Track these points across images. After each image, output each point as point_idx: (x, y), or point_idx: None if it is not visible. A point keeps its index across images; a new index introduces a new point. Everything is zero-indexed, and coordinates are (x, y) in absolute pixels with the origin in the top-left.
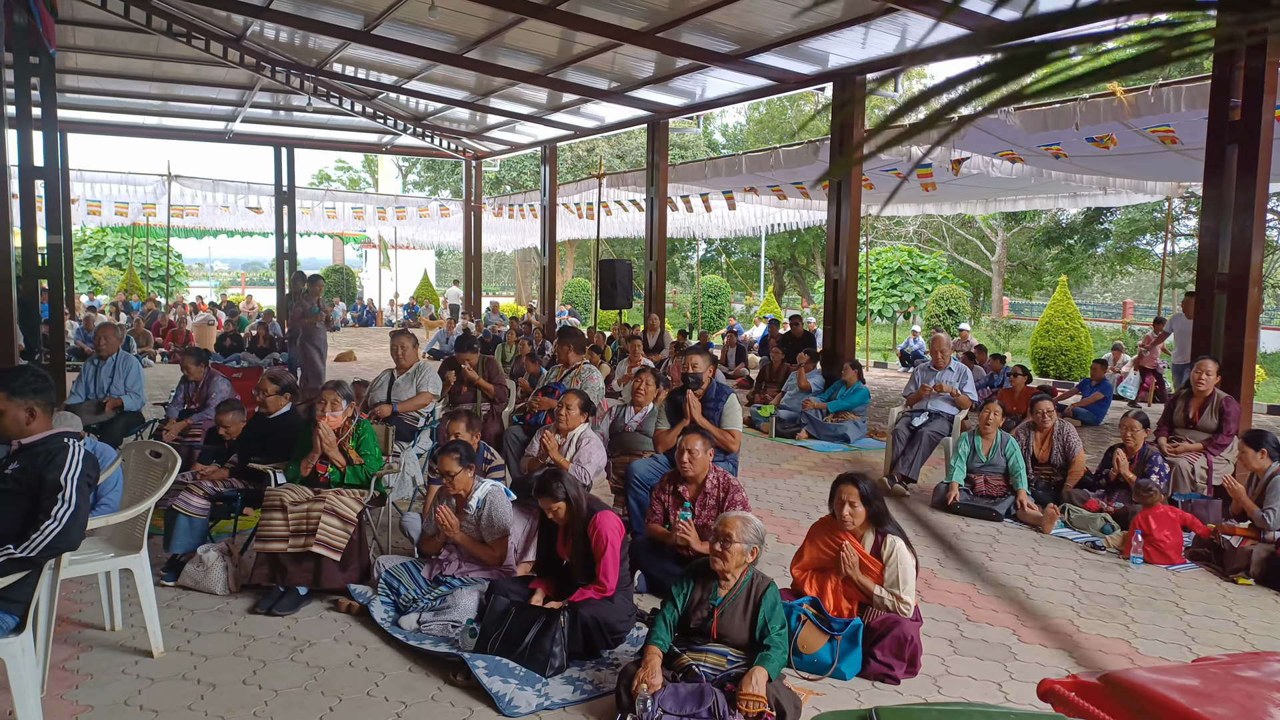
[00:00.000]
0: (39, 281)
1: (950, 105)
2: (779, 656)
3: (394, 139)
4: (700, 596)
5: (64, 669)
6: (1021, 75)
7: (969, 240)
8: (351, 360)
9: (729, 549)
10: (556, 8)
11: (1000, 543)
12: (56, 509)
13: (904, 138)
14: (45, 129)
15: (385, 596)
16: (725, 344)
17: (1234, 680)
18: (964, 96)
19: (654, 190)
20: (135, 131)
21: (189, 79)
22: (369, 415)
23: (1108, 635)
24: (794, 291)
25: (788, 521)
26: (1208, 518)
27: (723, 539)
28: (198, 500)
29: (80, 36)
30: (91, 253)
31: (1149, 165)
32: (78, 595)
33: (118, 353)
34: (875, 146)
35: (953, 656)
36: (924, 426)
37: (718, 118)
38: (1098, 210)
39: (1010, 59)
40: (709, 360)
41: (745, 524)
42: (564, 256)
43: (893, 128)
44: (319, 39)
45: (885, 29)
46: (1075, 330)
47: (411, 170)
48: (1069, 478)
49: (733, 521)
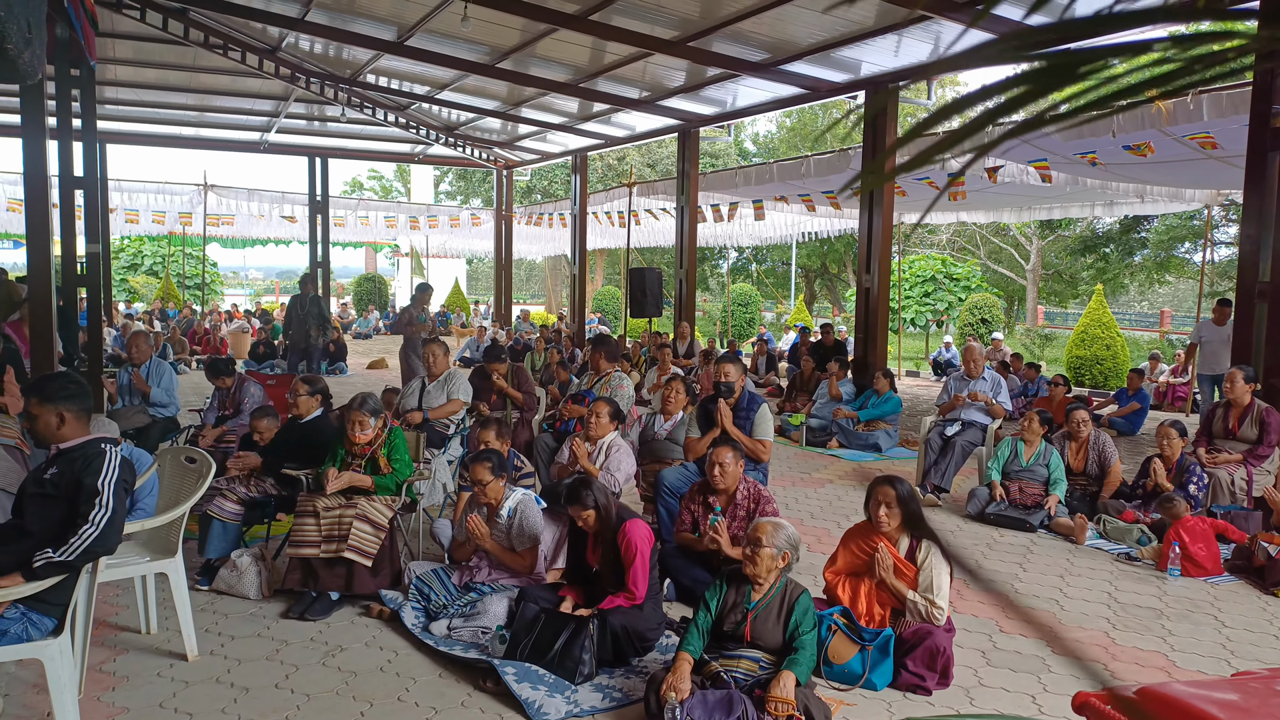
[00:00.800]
0: (77, 290)
1: (986, 117)
2: (807, 659)
3: (426, 149)
4: (734, 600)
5: (101, 671)
6: (1057, 87)
7: (1003, 248)
8: (384, 367)
9: (759, 553)
10: (588, 18)
11: (1034, 554)
12: (94, 514)
13: (935, 151)
14: (85, 140)
15: (416, 602)
16: (755, 352)
17: (1275, 695)
18: (1000, 108)
19: (684, 199)
20: (172, 142)
21: (225, 90)
22: (400, 422)
23: (1144, 648)
24: (825, 300)
25: (818, 530)
26: (1248, 529)
27: (753, 543)
28: (232, 505)
29: (120, 49)
30: (129, 261)
31: (1188, 173)
32: (114, 599)
33: (151, 359)
34: (907, 161)
35: (985, 668)
36: (957, 436)
37: (749, 126)
38: (1135, 218)
39: (1045, 69)
40: (740, 369)
41: (776, 529)
42: (594, 265)
43: (925, 135)
44: (353, 50)
45: (918, 36)
46: (1111, 339)
47: (443, 179)
48: (1104, 488)
49: (764, 526)
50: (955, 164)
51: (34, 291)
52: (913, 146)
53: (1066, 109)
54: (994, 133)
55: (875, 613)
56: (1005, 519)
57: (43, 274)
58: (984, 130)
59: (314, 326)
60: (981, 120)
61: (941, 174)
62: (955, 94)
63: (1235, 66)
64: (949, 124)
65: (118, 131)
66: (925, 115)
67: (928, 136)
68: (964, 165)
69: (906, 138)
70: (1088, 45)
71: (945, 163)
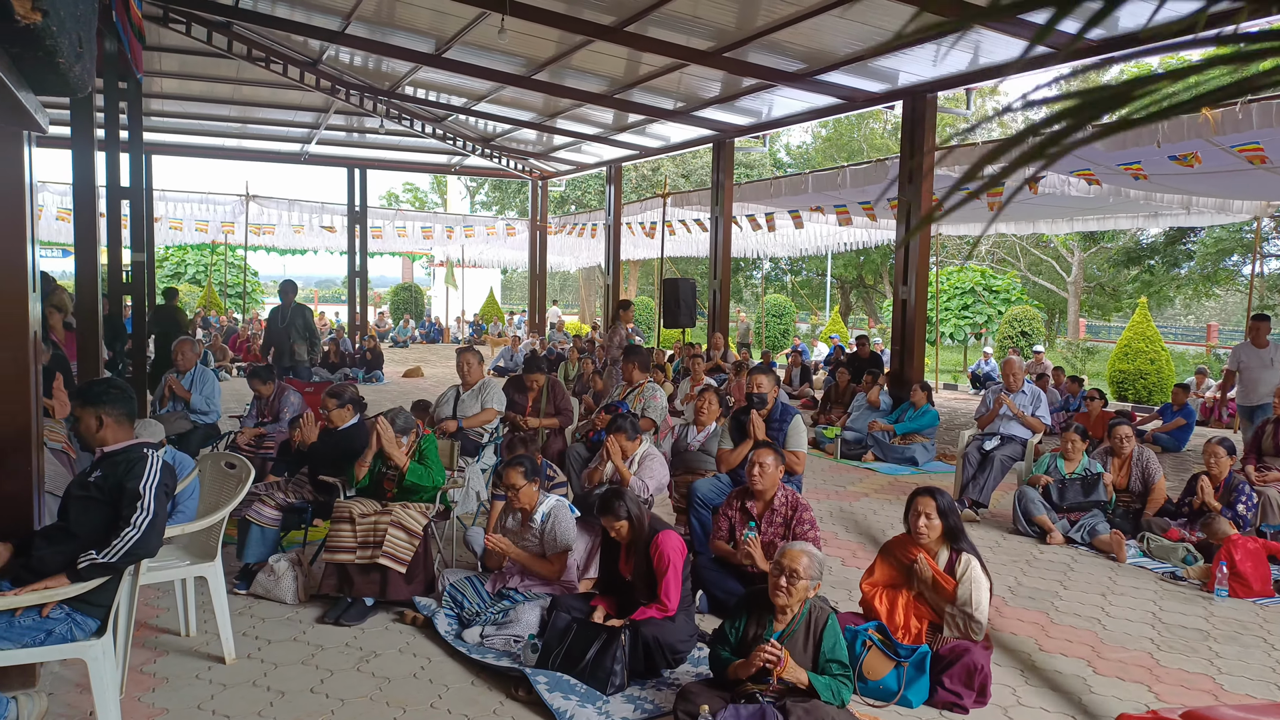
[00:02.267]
0: (123, 297)
1: (1030, 154)
2: (833, 685)
3: (463, 160)
4: (754, 632)
5: (141, 672)
6: (1104, 114)
7: (1044, 260)
8: (419, 376)
9: (795, 585)
10: (623, 29)
11: (1075, 571)
12: (136, 516)
13: (980, 191)
14: (132, 151)
15: (449, 609)
16: (790, 364)
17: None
18: (1047, 141)
19: (719, 209)
20: (215, 153)
21: (267, 102)
22: (434, 430)
23: (1190, 670)
24: (861, 311)
25: (853, 545)
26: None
27: (789, 574)
28: (270, 511)
29: (165, 62)
30: (172, 270)
31: (1236, 184)
32: (155, 601)
33: (195, 366)
34: (951, 206)
35: (1024, 687)
36: (996, 450)
37: (783, 136)
38: (1180, 230)
39: (1092, 101)
40: (773, 380)
41: (811, 559)
42: (628, 275)
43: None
44: (392, 63)
45: (958, 46)
46: (1156, 353)
47: (479, 190)
48: (1148, 505)
49: (799, 556)
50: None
51: (82, 299)
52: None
53: (1112, 120)
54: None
55: (912, 626)
56: (1075, 505)
57: (90, 282)
58: (1037, 158)
59: (298, 342)
60: (1029, 155)
61: (985, 196)
62: (995, 105)
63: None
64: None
65: (163, 143)
66: (973, 163)
67: (969, 149)
68: (1004, 200)
69: (948, 194)
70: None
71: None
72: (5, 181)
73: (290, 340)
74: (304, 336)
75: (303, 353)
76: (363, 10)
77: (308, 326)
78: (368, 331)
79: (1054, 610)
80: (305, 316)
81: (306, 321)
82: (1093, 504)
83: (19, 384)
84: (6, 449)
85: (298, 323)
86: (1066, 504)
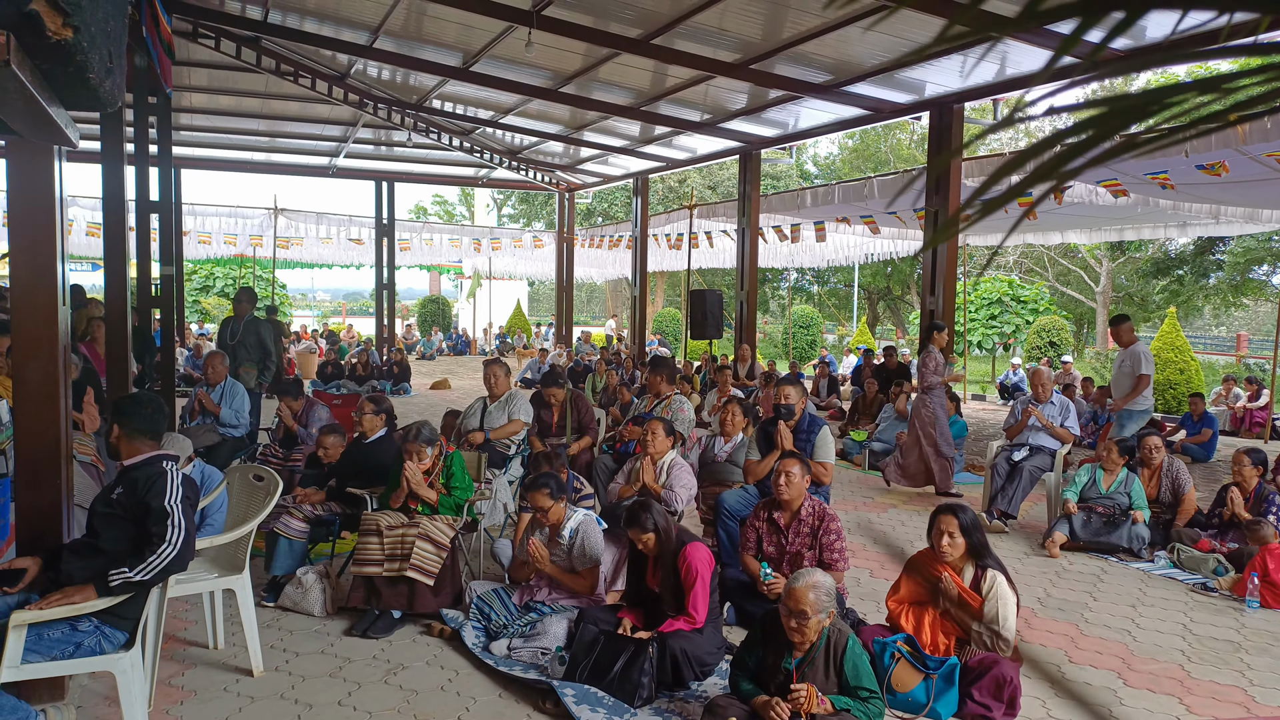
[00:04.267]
0: (152, 311)
1: (1056, 162)
2: (864, 709)
3: (490, 172)
4: (772, 660)
5: (169, 685)
6: (1129, 125)
7: (1072, 270)
8: (446, 388)
9: (806, 625)
10: (650, 42)
11: (1104, 582)
12: (170, 534)
13: (1003, 203)
14: (161, 165)
15: (476, 622)
16: (817, 375)
17: None
18: (1073, 149)
19: (745, 221)
20: (244, 167)
21: (295, 116)
22: (462, 443)
23: (1221, 682)
24: (888, 322)
25: (880, 556)
26: None
27: (797, 616)
28: (297, 523)
29: (194, 77)
30: (201, 283)
31: (1265, 192)
32: (183, 614)
33: (225, 380)
34: (975, 214)
35: (1054, 699)
36: (1024, 461)
37: (810, 147)
38: (1209, 240)
39: (1116, 111)
40: (801, 391)
41: (816, 591)
42: (655, 286)
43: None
44: (420, 76)
45: (985, 57)
46: (1185, 364)
47: (506, 203)
48: (1179, 516)
49: (804, 595)
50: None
51: (111, 313)
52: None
53: (1139, 132)
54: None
55: (940, 642)
56: (1094, 544)
57: (119, 296)
58: (1053, 175)
59: (245, 364)
60: (1050, 167)
61: (1013, 204)
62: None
63: None
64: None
65: (192, 157)
66: (989, 156)
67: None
68: (1028, 207)
69: (974, 196)
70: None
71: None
72: (36, 196)
73: (238, 361)
74: (254, 356)
75: (249, 378)
76: (390, 24)
77: (260, 345)
78: (395, 344)
79: (1083, 622)
80: (260, 332)
81: (260, 339)
82: (1111, 545)
83: (49, 397)
84: (37, 462)
85: (249, 340)
86: (1085, 537)
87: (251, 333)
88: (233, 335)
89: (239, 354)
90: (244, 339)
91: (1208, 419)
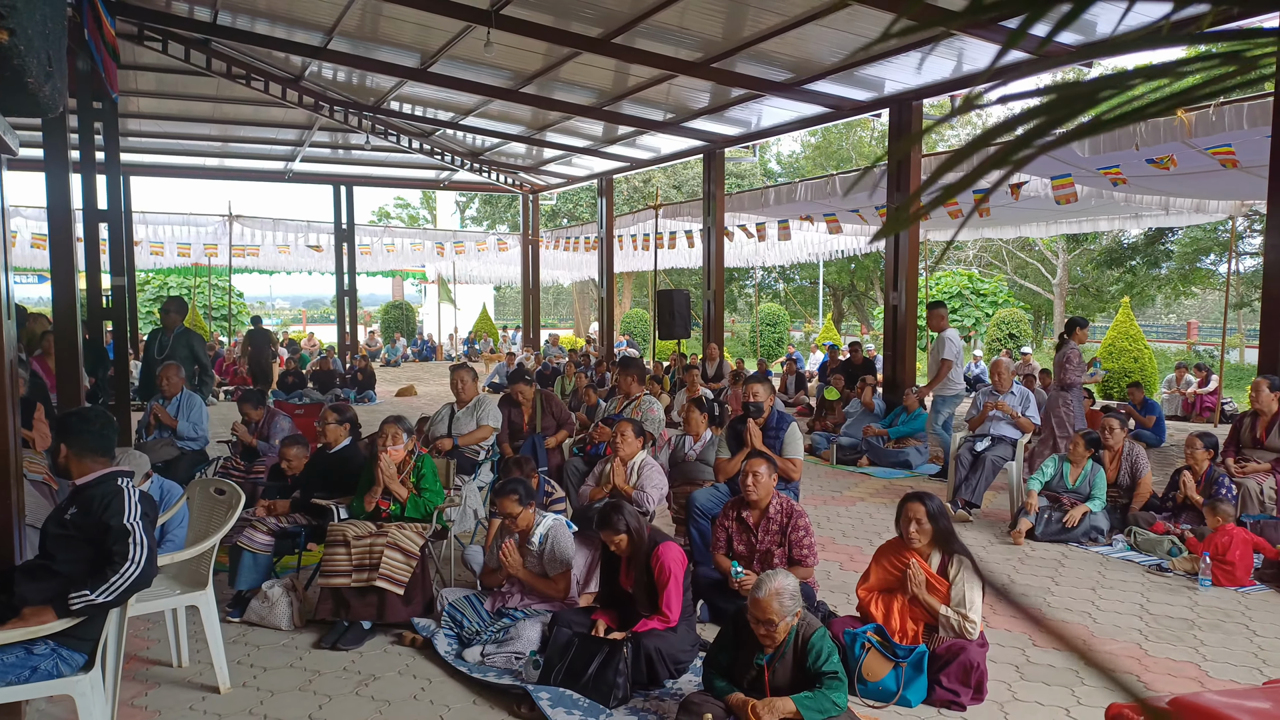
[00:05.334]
0: (104, 323)
1: (1009, 148)
2: (820, 700)
3: (451, 175)
4: (744, 657)
5: (132, 706)
6: (1078, 113)
7: (1029, 263)
8: (412, 395)
9: (775, 630)
10: (611, 41)
11: (1065, 567)
12: (133, 553)
13: (956, 190)
14: (109, 173)
15: (449, 629)
16: (785, 372)
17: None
18: (1025, 137)
19: (710, 220)
20: (196, 173)
21: (248, 120)
22: (430, 449)
23: (1176, 658)
24: (853, 318)
25: (850, 549)
26: (1277, 538)
27: (765, 624)
28: (262, 536)
29: (142, 81)
30: (155, 293)
31: (1211, 184)
32: (145, 632)
33: (182, 392)
34: (929, 202)
35: (1019, 682)
36: (987, 451)
37: (773, 146)
38: (1159, 230)
39: (1063, 99)
40: (769, 389)
41: (780, 599)
42: (622, 287)
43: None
44: (376, 78)
45: (941, 54)
46: (1139, 352)
47: (469, 205)
48: (1134, 500)
49: (768, 605)
50: (981, 181)
51: (59, 326)
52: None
53: (1088, 122)
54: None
55: (908, 629)
56: (1050, 537)
57: (68, 308)
58: (1005, 162)
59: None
60: (1002, 154)
61: (967, 195)
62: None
63: (1255, 76)
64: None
65: (141, 164)
66: (947, 156)
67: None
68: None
69: (927, 183)
70: (1110, 69)
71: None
72: None
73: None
74: (187, 369)
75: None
76: (345, 25)
77: (194, 357)
78: (358, 351)
79: (1046, 606)
80: (192, 344)
81: (193, 351)
82: (1066, 538)
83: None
84: None
85: (180, 352)
86: (1041, 534)
87: (182, 345)
88: (161, 349)
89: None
90: (174, 352)
91: (1149, 405)
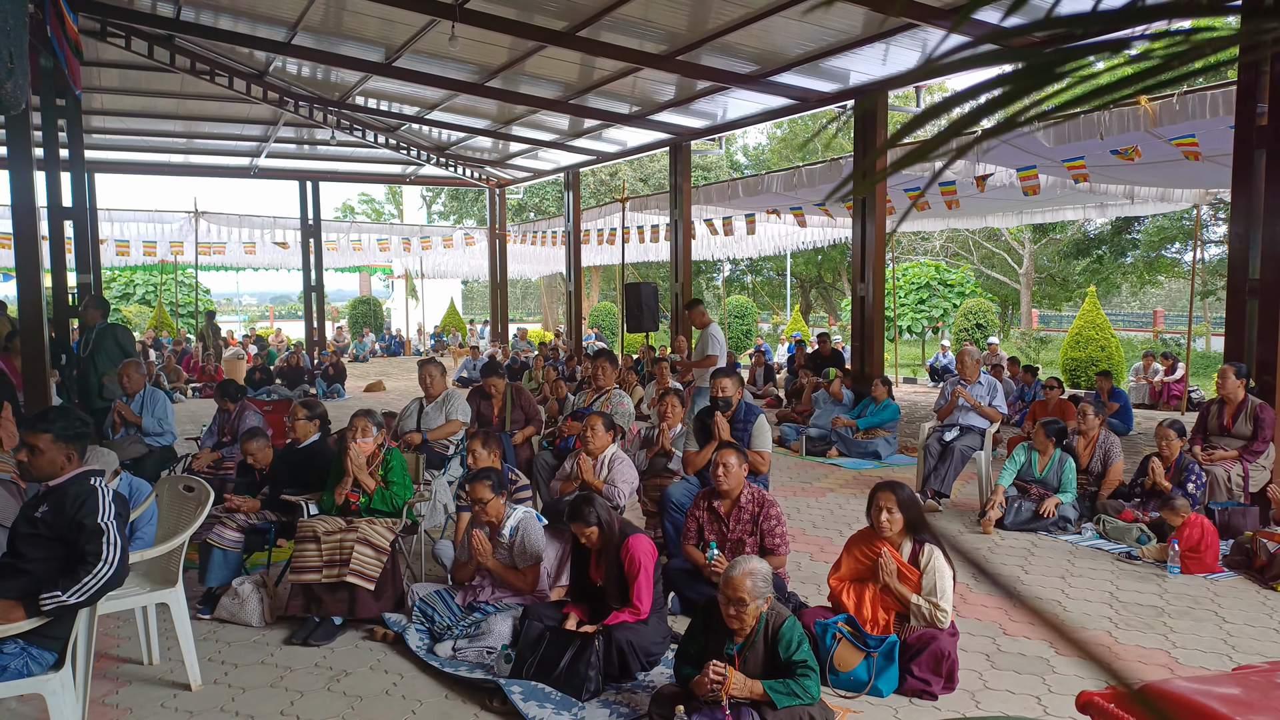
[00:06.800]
0: (69, 321)
1: (970, 117)
2: (790, 689)
3: (417, 169)
4: (714, 647)
5: (103, 704)
6: (1039, 86)
7: (996, 253)
8: (381, 390)
9: (744, 611)
10: (576, 34)
11: (1035, 556)
12: (106, 552)
13: (924, 151)
14: (73, 170)
15: (420, 624)
16: (753, 364)
17: (1275, 688)
18: (984, 108)
19: (678, 212)
20: (161, 170)
21: (213, 116)
22: (399, 444)
23: (1147, 646)
24: (821, 309)
25: (820, 540)
26: (1244, 525)
27: (736, 604)
28: (231, 533)
29: (105, 77)
30: (121, 291)
31: (1175, 173)
32: (115, 630)
33: (145, 389)
34: (895, 161)
35: (990, 671)
36: (955, 441)
37: (740, 138)
38: (1126, 219)
39: (1026, 70)
40: (737, 382)
41: (753, 579)
42: (589, 281)
43: (911, 142)
44: (341, 73)
45: (905, 44)
46: (1106, 341)
47: (435, 200)
48: (1103, 487)
49: (740, 583)
50: (948, 172)
51: (26, 324)
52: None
53: (1051, 107)
54: (978, 132)
55: (880, 618)
56: (1019, 526)
57: (34, 306)
58: (969, 130)
59: (110, 373)
60: (965, 121)
61: (932, 187)
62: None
63: (1214, 61)
64: (935, 123)
65: (106, 161)
66: (911, 118)
67: (909, 144)
68: (943, 165)
69: (893, 140)
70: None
71: (935, 168)
72: None
73: (99, 373)
74: (115, 363)
75: (114, 387)
76: (309, 20)
77: (121, 350)
78: (327, 347)
79: (1018, 584)
80: (117, 337)
81: (119, 344)
82: (1037, 526)
83: None
84: None
85: (106, 346)
86: (1010, 523)
87: (108, 339)
88: (86, 346)
89: (98, 364)
90: (100, 347)
91: (1117, 394)
